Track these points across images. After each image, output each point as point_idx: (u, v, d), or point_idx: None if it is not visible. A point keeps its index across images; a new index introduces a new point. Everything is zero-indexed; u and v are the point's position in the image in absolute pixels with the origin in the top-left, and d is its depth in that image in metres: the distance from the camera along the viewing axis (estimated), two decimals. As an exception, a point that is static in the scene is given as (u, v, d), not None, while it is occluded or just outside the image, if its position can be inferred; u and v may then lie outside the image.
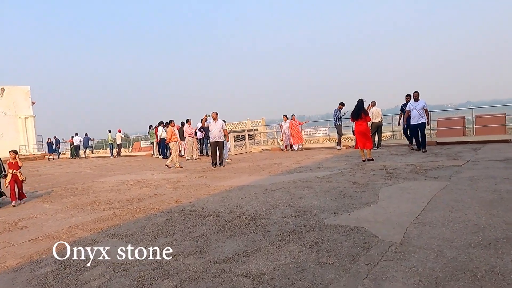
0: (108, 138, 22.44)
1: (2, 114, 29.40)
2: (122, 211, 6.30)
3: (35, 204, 7.90)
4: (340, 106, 14.20)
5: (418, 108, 10.52)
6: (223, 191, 7.30)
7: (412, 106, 10.68)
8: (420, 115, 10.51)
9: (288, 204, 5.66)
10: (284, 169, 9.72)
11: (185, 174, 10.38)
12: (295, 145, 15.65)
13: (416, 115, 10.57)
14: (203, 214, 5.53)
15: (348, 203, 5.36)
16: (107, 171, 13.60)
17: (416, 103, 10.62)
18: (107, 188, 9.13)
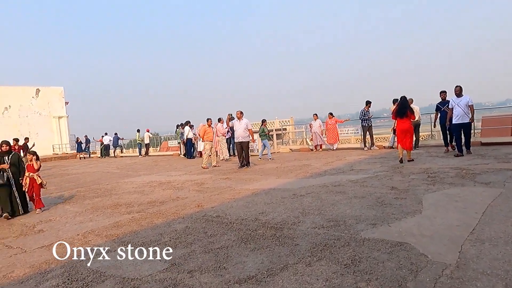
0: (136, 137, 22.54)
1: (37, 114, 30.30)
2: (141, 216, 5.95)
3: (57, 205, 7.73)
4: (368, 106, 13.40)
5: (462, 104, 9.19)
6: (248, 195, 6.83)
7: (455, 103, 9.33)
8: (465, 113, 9.25)
9: (318, 211, 5.11)
10: (314, 171, 9.14)
11: (210, 176, 10.00)
12: (333, 145, 14.93)
13: (459, 113, 9.24)
14: (225, 222, 5.07)
15: (388, 212, 4.74)
16: (133, 171, 13.46)
17: (459, 99, 9.28)
18: (130, 190, 8.87)
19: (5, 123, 28.58)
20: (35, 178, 7.24)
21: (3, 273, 3.94)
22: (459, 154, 9.36)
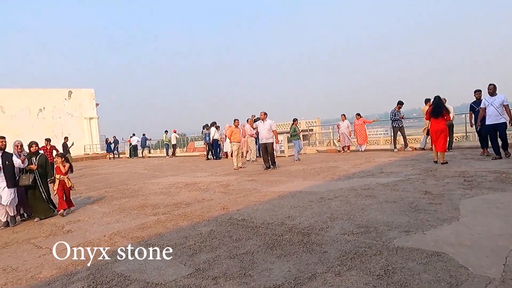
0: (163, 138, 22.84)
1: (70, 115, 31.31)
2: (167, 218, 5.93)
3: (86, 205, 7.86)
4: (399, 106, 12.93)
5: (495, 104, 8.58)
6: (274, 197, 6.69)
7: (488, 102, 8.74)
8: (499, 113, 8.59)
9: (348, 216, 4.91)
10: (341, 173, 8.89)
11: (236, 177, 9.92)
12: (361, 146, 14.57)
13: (493, 112, 8.64)
14: (251, 225, 4.96)
15: (422, 219, 4.49)
16: (160, 172, 13.59)
17: (492, 98, 8.69)
18: (156, 191, 8.92)
19: (39, 124, 29.70)
20: (66, 180, 7.19)
21: (32, 274, 3.98)
22: (497, 157, 8.75)
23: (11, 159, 6.48)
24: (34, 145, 7.05)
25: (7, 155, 6.51)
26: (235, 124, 12.47)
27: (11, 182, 6.45)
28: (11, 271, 4.15)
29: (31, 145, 7.03)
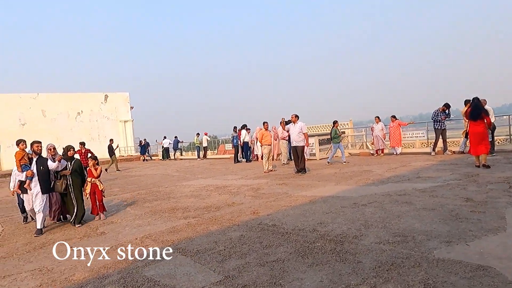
0: (194, 140, 23.12)
1: (106, 118, 32.38)
2: (197, 221, 5.92)
3: (119, 207, 8.01)
4: (444, 107, 12.28)
5: None
6: (305, 202, 6.54)
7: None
8: None
9: (383, 224, 4.70)
10: (375, 178, 8.60)
11: (267, 181, 9.83)
12: (396, 149, 14.11)
13: None
14: (282, 231, 4.84)
15: (464, 228, 4.22)
16: (191, 174, 13.71)
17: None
18: (187, 193, 8.97)
19: (78, 127, 30.89)
20: (97, 184, 7.05)
21: (65, 276, 4.05)
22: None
23: (46, 164, 6.33)
24: (72, 150, 6.86)
25: (42, 160, 6.37)
26: (264, 127, 12.37)
27: (45, 187, 6.30)
28: (46, 272, 4.25)
29: (69, 150, 6.83)
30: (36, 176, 6.20)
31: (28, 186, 6.16)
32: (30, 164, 6.27)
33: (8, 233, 6.50)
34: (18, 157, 6.26)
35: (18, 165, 6.27)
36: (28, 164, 6.25)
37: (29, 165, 6.25)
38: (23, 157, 6.27)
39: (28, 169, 6.16)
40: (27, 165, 6.23)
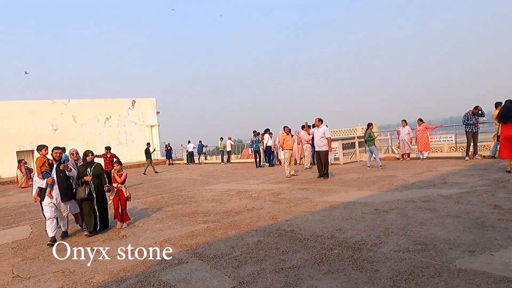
0: (218, 145, 23.30)
1: (133, 123, 33.13)
2: (216, 226, 5.95)
3: (142, 211, 8.16)
4: (474, 110, 11.81)
5: None
6: (325, 208, 6.45)
7: None
8: None
9: (404, 232, 4.56)
10: (399, 183, 8.38)
11: (288, 185, 9.77)
12: (422, 153, 13.73)
13: None
14: (299, 237, 4.79)
15: (489, 237, 4.04)
16: (214, 178, 13.82)
17: None
18: (208, 197, 9.04)
19: (106, 132, 31.75)
20: (123, 190, 6.81)
21: (86, 278, 4.16)
22: None
23: (65, 171, 6.15)
24: (90, 154, 6.54)
25: None
26: (285, 131, 12.29)
27: (65, 195, 6.13)
28: (68, 274, 4.37)
29: (87, 154, 6.52)
30: (56, 183, 6.06)
31: (49, 194, 5.98)
32: (51, 171, 6.14)
33: (37, 235, 6.74)
34: (39, 163, 6.11)
35: (38, 172, 6.11)
36: (49, 171, 6.11)
37: (50, 172, 6.12)
38: (44, 164, 6.12)
39: (48, 176, 6.03)
40: (48, 172, 6.10)
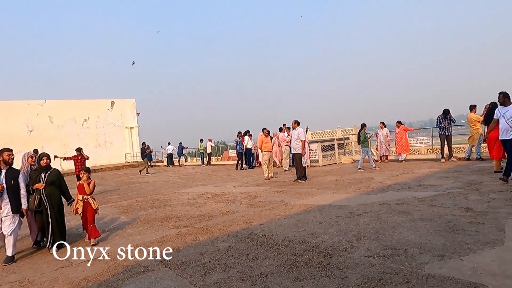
0: (198, 147, 23.04)
1: (112, 124, 32.57)
2: (188, 231, 5.78)
3: (113, 216, 7.91)
4: (443, 114, 11.99)
5: (507, 116, 6.93)
6: (300, 211, 6.36)
7: (500, 113, 7.18)
8: (510, 127, 6.92)
9: (376, 236, 4.50)
10: (375, 185, 8.38)
11: (265, 188, 9.66)
12: (400, 155, 13.86)
13: (503, 126, 7.06)
14: (271, 243, 4.68)
15: (460, 241, 4.01)
16: (192, 181, 13.60)
17: (505, 109, 7.04)
18: (184, 201, 8.85)
19: (84, 133, 31.10)
20: (90, 202, 5.81)
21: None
22: (503, 178, 6.99)
23: (17, 177, 5.18)
24: (45, 158, 5.63)
25: (14, 172, 5.18)
26: (264, 133, 12.18)
27: (16, 206, 5.08)
28: (26, 284, 4.14)
29: (41, 158, 5.61)
30: (5, 192, 5.00)
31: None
32: None
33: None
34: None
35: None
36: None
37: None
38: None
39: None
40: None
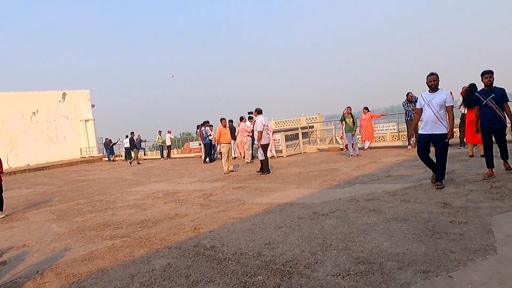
0: (157, 139, 21.73)
1: (64, 118, 30.30)
2: (124, 243, 4.81)
3: (44, 223, 6.77)
4: (409, 97, 11.52)
5: (434, 104, 5.50)
6: (258, 212, 5.54)
7: (425, 101, 5.66)
8: (437, 118, 5.50)
9: (344, 244, 3.74)
10: (342, 177, 7.71)
11: (223, 184, 8.78)
12: (364, 143, 13.38)
13: (430, 118, 5.55)
14: (219, 257, 3.81)
15: (444, 249, 3.31)
16: (146, 177, 12.48)
17: (431, 95, 5.59)
18: (130, 202, 7.80)
19: (33, 127, 28.74)
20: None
21: None
22: (438, 185, 5.65)
23: None
24: None
25: None
26: (222, 124, 11.20)
27: None
28: None
29: None
30: None
31: None
32: None
33: None
34: None
35: None
36: None
37: None
38: None
39: None
40: None
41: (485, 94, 5.95)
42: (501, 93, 5.84)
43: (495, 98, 5.81)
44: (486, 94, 5.93)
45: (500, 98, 5.82)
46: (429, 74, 5.70)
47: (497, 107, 5.82)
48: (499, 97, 5.81)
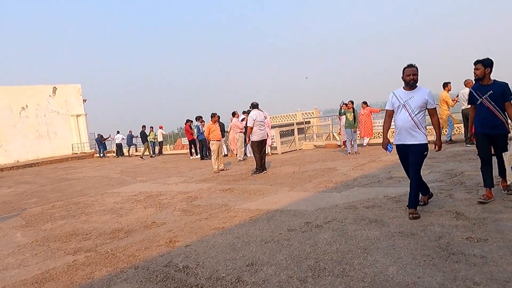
0: (149, 135, 20.97)
1: (55, 113, 29.42)
2: (86, 259, 4.15)
3: (10, 230, 6.10)
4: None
5: (412, 106, 4.22)
6: (244, 221, 4.88)
7: (400, 102, 4.33)
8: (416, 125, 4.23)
9: (341, 268, 3.09)
10: (339, 179, 7.06)
11: (210, 185, 8.11)
12: (363, 139, 12.72)
13: (406, 124, 4.26)
14: (191, 283, 3.17)
15: (463, 277, 2.67)
16: (132, 176, 11.79)
17: (408, 94, 4.29)
18: (108, 206, 7.13)
19: (23, 123, 27.89)
20: None
21: None
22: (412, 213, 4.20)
23: None
24: None
25: None
26: (212, 120, 10.49)
27: None
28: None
29: None
30: None
31: None
32: None
33: None
34: None
35: None
36: None
37: None
38: None
39: None
40: None
41: (480, 90, 4.55)
42: (502, 89, 4.41)
43: (494, 96, 4.41)
44: (482, 90, 4.52)
45: (500, 95, 4.40)
46: (406, 66, 4.29)
47: (496, 107, 4.43)
48: (499, 94, 4.40)
